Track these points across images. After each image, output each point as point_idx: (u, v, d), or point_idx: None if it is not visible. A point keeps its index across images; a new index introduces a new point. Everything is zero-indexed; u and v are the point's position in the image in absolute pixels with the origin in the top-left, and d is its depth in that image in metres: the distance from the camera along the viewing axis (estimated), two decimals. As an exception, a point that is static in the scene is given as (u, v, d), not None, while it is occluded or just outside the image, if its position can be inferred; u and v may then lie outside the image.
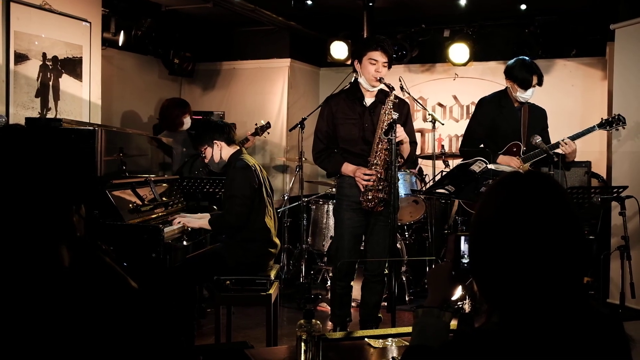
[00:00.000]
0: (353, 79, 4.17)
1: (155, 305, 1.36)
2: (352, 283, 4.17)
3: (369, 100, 4.04)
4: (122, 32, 5.71)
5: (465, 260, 1.61)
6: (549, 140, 4.44)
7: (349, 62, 5.84)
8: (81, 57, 5.06)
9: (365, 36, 6.11)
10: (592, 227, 4.96)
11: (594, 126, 4.40)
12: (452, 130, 6.88)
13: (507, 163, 4.34)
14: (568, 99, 6.34)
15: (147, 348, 1.31)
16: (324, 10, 6.29)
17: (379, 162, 3.87)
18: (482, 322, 1.35)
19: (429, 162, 5.91)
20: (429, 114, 5.47)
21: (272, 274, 3.83)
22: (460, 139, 4.78)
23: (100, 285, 1.28)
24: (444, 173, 5.24)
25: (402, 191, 5.21)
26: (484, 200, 1.35)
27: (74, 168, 1.35)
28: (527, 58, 4.50)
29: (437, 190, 4.07)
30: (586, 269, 1.30)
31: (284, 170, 7.08)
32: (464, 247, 1.61)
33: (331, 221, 5.48)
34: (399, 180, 4.34)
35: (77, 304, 1.23)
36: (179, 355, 1.37)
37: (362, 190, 3.90)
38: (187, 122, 5.89)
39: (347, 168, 3.99)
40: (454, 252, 1.62)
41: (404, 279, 5.44)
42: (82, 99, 5.09)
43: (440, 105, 6.97)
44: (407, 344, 2.05)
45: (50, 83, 4.81)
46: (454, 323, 1.60)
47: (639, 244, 4.70)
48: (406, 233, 5.69)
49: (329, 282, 5.47)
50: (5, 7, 4.41)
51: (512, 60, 4.47)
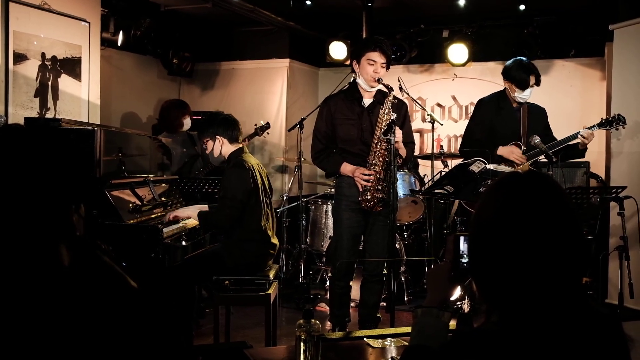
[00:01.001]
0: (352, 79, 4.16)
1: (155, 305, 1.36)
2: (351, 283, 4.17)
3: (367, 100, 4.04)
4: (121, 32, 5.71)
5: (464, 261, 1.61)
6: (554, 138, 4.43)
7: (348, 63, 5.83)
8: (80, 57, 5.06)
9: (364, 36, 6.11)
10: (590, 228, 4.95)
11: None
12: (451, 130, 6.88)
13: (508, 153, 4.34)
14: (567, 99, 6.34)
15: (147, 348, 1.31)
16: (323, 11, 6.29)
17: (378, 162, 3.87)
18: (481, 322, 1.35)
19: (428, 162, 5.91)
20: (428, 114, 5.47)
21: (271, 274, 3.83)
22: (459, 139, 4.78)
23: (100, 284, 1.28)
24: (442, 173, 5.25)
25: (401, 191, 5.21)
26: (483, 200, 1.35)
27: (73, 168, 1.35)
28: (524, 58, 4.50)
29: (436, 191, 4.07)
30: (585, 269, 1.31)
31: (282, 170, 7.08)
32: (463, 247, 1.61)
33: (330, 221, 5.48)
34: (397, 180, 4.34)
35: (76, 304, 1.23)
36: (178, 355, 1.37)
37: (361, 190, 3.91)
38: (187, 123, 5.89)
39: (346, 168, 3.99)
40: (453, 252, 1.62)
41: (402, 279, 5.44)
42: (81, 98, 5.08)
43: (439, 105, 6.97)
44: (406, 344, 2.05)
45: (49, 83, 4.80)
46: (453, 323, 1.61)
47: (638, 244, 4.71)
48: (405, 233, 5.69)
49: (328, 282, 5.47)
50: (4, 6, 4.40)
51: (510, 61, 4.47)
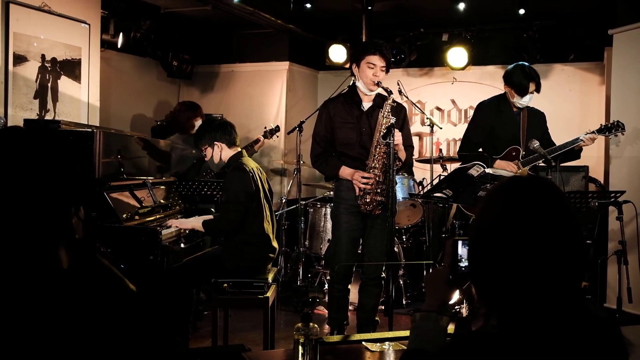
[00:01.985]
0: (351, 82, 4.16)
1: (153, 307, 1.36)
2: (349, 286, 4.17)
3: (366, 104, 4.04)
4: (121, 34, 5.71)
5: (462, 265, 1.61)
6: (553, 142, 4.44)
7: (347, 66, 5.84)
8: (80, 58, 5.06)
9: (364, 40, 6.11)
10: (589, 232, 4.95)
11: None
12: (450, 134, 6.89)
13: (503, 168, 4.33)
14: (566, 103, 6.35)
15: (145, 350, 1.31)
16: (322, 14, 6.30)
17: (377, 166, 3.87)
18: (479, 326, 1.35)
19: (427, 165, 5.92)
20: (427, 118, 5.48)
21: (270, 277, 3.83)
22: (459, 143, 4.78)
23: (99, 287, 1.29)
24: (441, 177, 5.25)
25: (400, 195, 5.21)
26: (483, 204, 1.36)
27: (72, 170, 1.35)
28: (526, 64, 4.46)
29: (434, 194, 4.07)
30: (584, 274, 1.31)
31: (281, 173, 7.08)
32: (461, 251, 1.62)
33: (329, 224, 5.47)
34: (396, 183, 4.34)
35: (75, 306, 1.23)
36: (176, 357, 1.37)
37: (358, 193, 3.90)
38: (199, 125, 5.88)
39: (345, 171, 3.98)
40: (452, 256, 1.62)
41: (401, 282, 5.44)
42: (81, 100, 5.09)
43: (438, 109, 6.98)
44: (405, 347, 2.05)
45: (49, 85, 4.80)
46: (451, 327, 1.61)
47: (636, 249, 4.70)
48: (404, 237, 5.69)
49: (326, 285, 5.47)
50: (5, 8, 4.41)
51: (512, 66, 4.44)
